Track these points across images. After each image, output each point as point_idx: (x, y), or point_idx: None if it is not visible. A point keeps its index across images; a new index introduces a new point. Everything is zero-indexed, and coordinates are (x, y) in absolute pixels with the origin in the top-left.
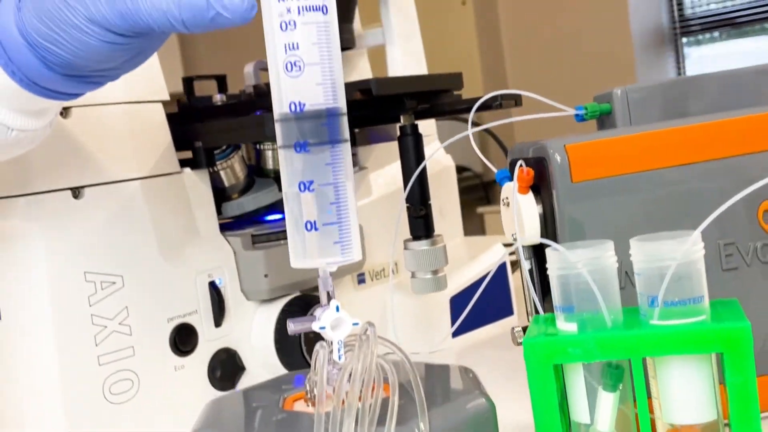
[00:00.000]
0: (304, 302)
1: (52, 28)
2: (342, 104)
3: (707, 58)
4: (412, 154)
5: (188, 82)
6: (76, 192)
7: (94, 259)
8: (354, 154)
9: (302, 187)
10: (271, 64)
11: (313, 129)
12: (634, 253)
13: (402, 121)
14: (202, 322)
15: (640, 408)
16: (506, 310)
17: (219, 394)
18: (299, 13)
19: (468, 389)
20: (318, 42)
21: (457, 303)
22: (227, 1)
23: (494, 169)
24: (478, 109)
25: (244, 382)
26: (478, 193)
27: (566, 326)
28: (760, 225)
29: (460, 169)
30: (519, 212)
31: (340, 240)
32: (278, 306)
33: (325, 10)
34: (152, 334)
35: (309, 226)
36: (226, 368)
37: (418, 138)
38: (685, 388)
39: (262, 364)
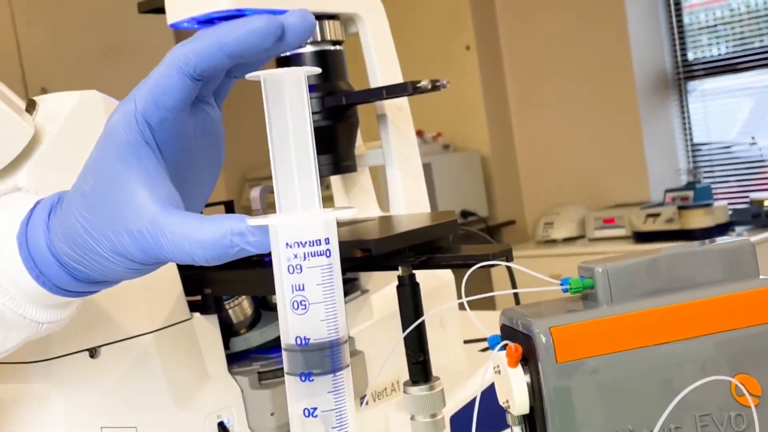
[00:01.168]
0: None
1: (79, 253)
2: (343, 333)
3: (709, 92)
4: (410, 304)
5: None
6: (93, 352)
7: (110, 414)
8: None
9: (306, 413)
10: (279, 300)
11: (317, 360)
12: None
13: (400, 271)
14: None
15: None
16: (505, 423)
17: None
18: (305, 258)
19: None
20: (322, 282)
21: (458, 421)
22: (252, 238)
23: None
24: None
25: None
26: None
27: None
28: (733, 397)
29: (465, 214)
30: (509, 386)
31: None
32: None
33: (328, 254)
34: None
35: None
36: None
37: (415, 288)
38: None
39: None
